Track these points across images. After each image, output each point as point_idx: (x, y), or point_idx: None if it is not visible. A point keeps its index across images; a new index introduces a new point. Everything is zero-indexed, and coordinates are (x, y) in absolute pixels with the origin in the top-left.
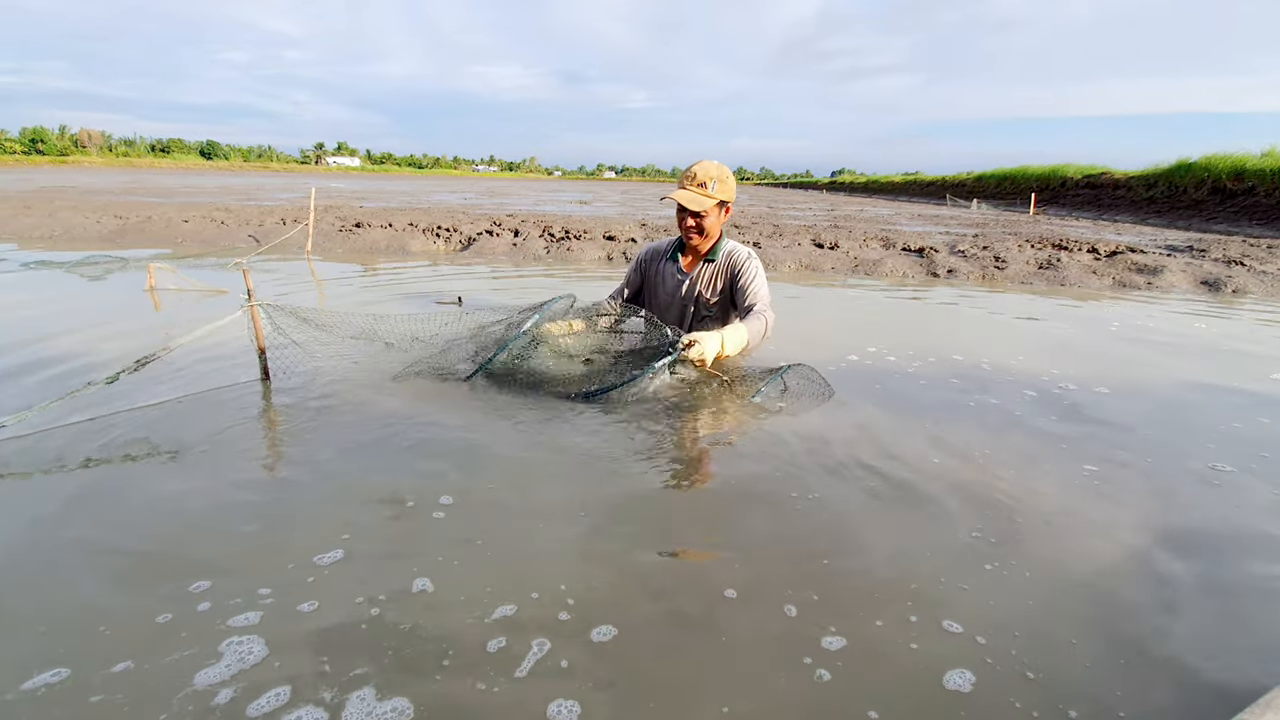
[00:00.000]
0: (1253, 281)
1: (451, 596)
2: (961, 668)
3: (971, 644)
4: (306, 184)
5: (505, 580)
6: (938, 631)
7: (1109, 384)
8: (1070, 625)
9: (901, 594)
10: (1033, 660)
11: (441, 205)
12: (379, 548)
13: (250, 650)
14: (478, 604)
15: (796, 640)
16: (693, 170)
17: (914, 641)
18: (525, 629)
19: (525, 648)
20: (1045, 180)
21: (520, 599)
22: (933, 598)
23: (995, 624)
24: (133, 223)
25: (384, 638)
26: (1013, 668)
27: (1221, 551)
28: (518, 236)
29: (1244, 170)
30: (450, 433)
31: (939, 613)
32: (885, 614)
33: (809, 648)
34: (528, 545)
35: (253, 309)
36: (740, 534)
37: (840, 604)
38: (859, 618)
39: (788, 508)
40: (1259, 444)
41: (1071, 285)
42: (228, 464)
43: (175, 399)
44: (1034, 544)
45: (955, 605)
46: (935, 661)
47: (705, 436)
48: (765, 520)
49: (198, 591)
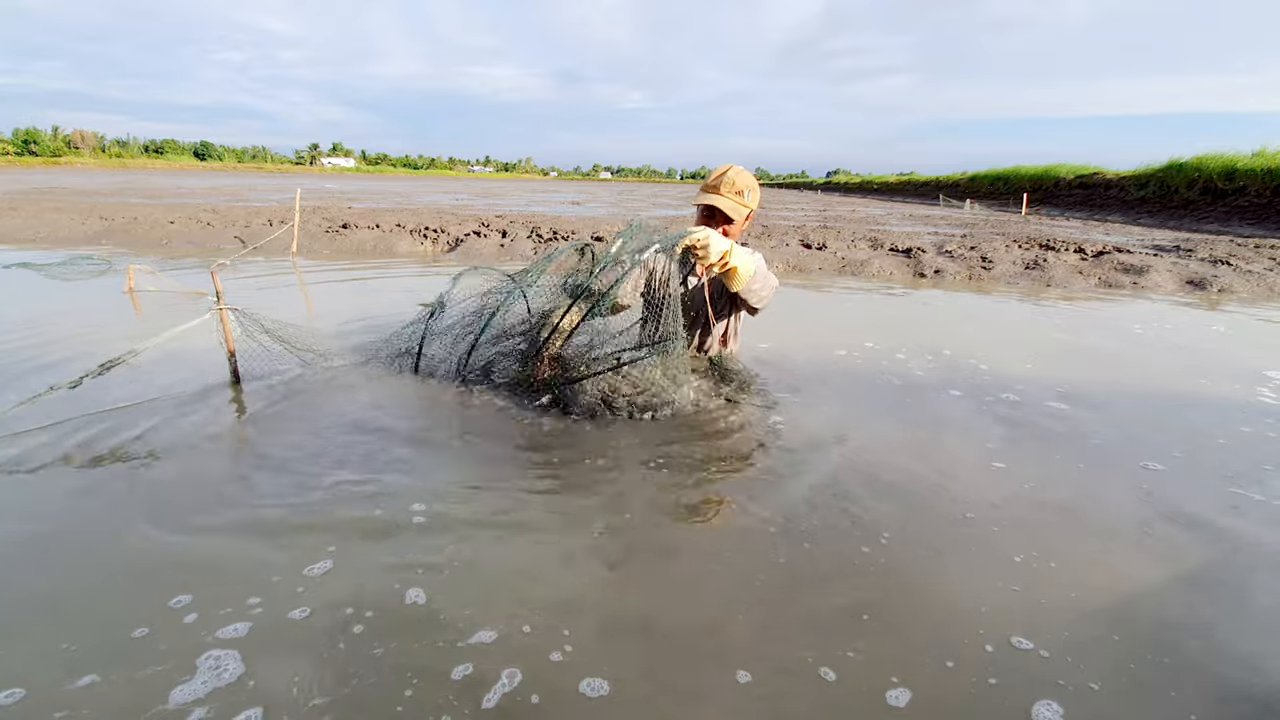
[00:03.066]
0: (1239, 281)
1: (424, 614)
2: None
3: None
4: (299, 185)
5: (485, 600)
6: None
7: (1132, 392)
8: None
9: (967, 624)
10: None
11: (432, 206)
12: (356, 559)
13: (227, 668)
14: (452, 626)
15: (854, 698)
16: (729, 177)
17: (992, 676)
18: (499, 656)
19: (494, 677)
20: (1038, 180)
21: (498, 623)
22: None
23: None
24: (118, 224)
25: (355, 660)
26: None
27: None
28: (505, 237)
29: (1235, 170)
30: (427, 435)
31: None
32: (953, 651)
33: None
34: (511, 562)
35: (221, 312)
36: (750, 571)
37: (892, 649)
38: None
39: (800, 533)
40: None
41: (1058, 285)
42: (193, 469)
43: (143, 402)
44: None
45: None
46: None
47: (707, 445)
48: (778, 550)
49: (177, 606)
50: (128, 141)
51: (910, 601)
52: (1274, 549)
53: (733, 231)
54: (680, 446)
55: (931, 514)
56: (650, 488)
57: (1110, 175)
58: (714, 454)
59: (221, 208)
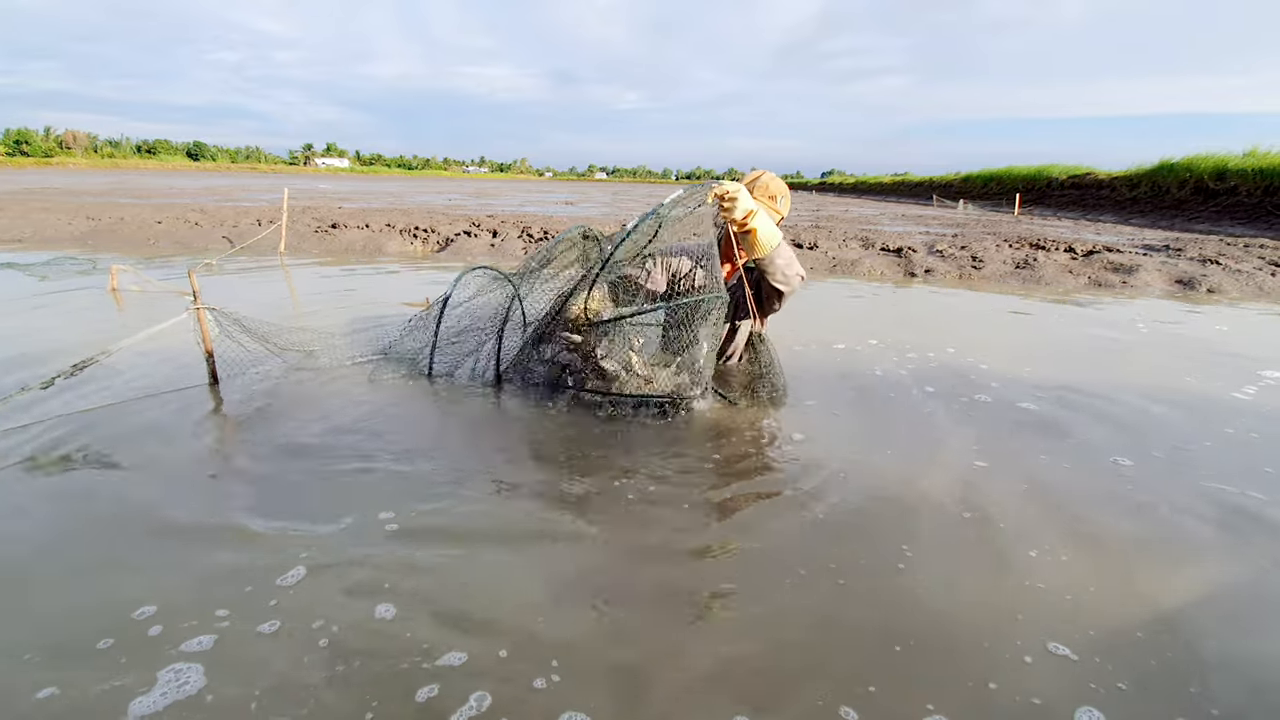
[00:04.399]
0: (1228, 280)
1: (392, 630)
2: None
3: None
4: (292, 185)
5: (457, 618)
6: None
7: (1145, 393)
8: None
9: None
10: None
11: (423, 206)
12: (326, 571)
13: (189, 679)
14: (420, 644)
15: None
16: (763, 181)
17: (1036, 696)
18: (467, 679)
19: (461, 700)
20: (1031, 180)
21: (469, 643)
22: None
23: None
24: (105, 224)
25: (318, 677)
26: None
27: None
28: (496, 237)
29: (1226, 170)
30: (407, 438)
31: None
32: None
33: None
34: (492, 578)
35: (199, 312)
36: (760, 593)
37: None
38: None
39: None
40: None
41: (1047, 284)
42: (164, 472)
43: (116, 403)
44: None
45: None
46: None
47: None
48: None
49: (141, 617)
50: (120, 142)
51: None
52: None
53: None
54: (683, 458)
55: (934, 520)
56: (652, 505)
57: (1103, 175)
58: (717, 466)
59: (210, 208)
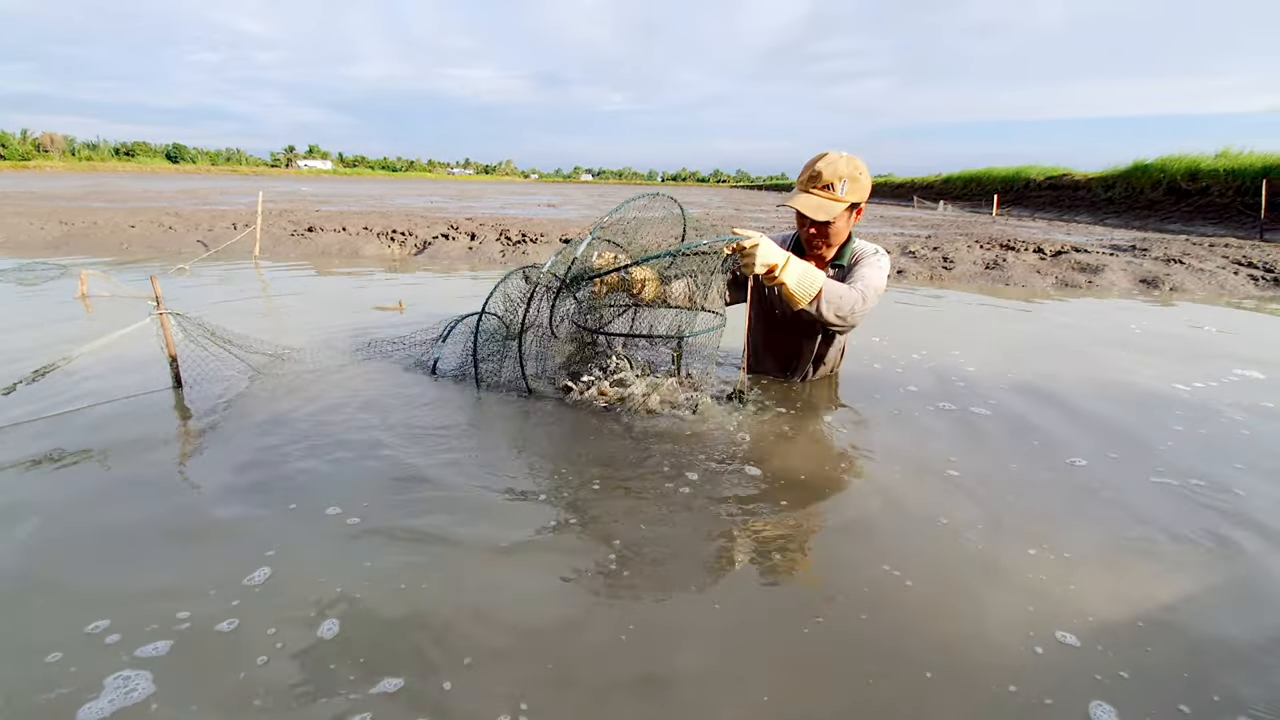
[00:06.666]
0: (1190, 279)
1: (331, 650)
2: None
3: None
4: (273, 188)
5: (398, 638)
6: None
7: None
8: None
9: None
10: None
11: (403, 209)
12: (294, 576)
13: (136, 687)
14: (357, 666)
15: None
16: (817, 168)
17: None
18: (401, 710)
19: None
20: (1009, 182)
21: (408, 668)
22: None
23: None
24: (78, 228)
25: (256, 695)
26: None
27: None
28: (474, 240)
29: (1198, 170)
30: (376, 441)
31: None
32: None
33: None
34: (450, 593)
35: (162, 317)
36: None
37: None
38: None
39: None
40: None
41: (1016, 284)
42: (132, 475)
43: (80, 409)
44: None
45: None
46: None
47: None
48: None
49: (95, 631)
50: (98, 144)
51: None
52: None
53: (834, 234)
54: (663, 456)
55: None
56: (635, 514)
57: (1079, 176)
58: (703, 468)
59: (185, 211)
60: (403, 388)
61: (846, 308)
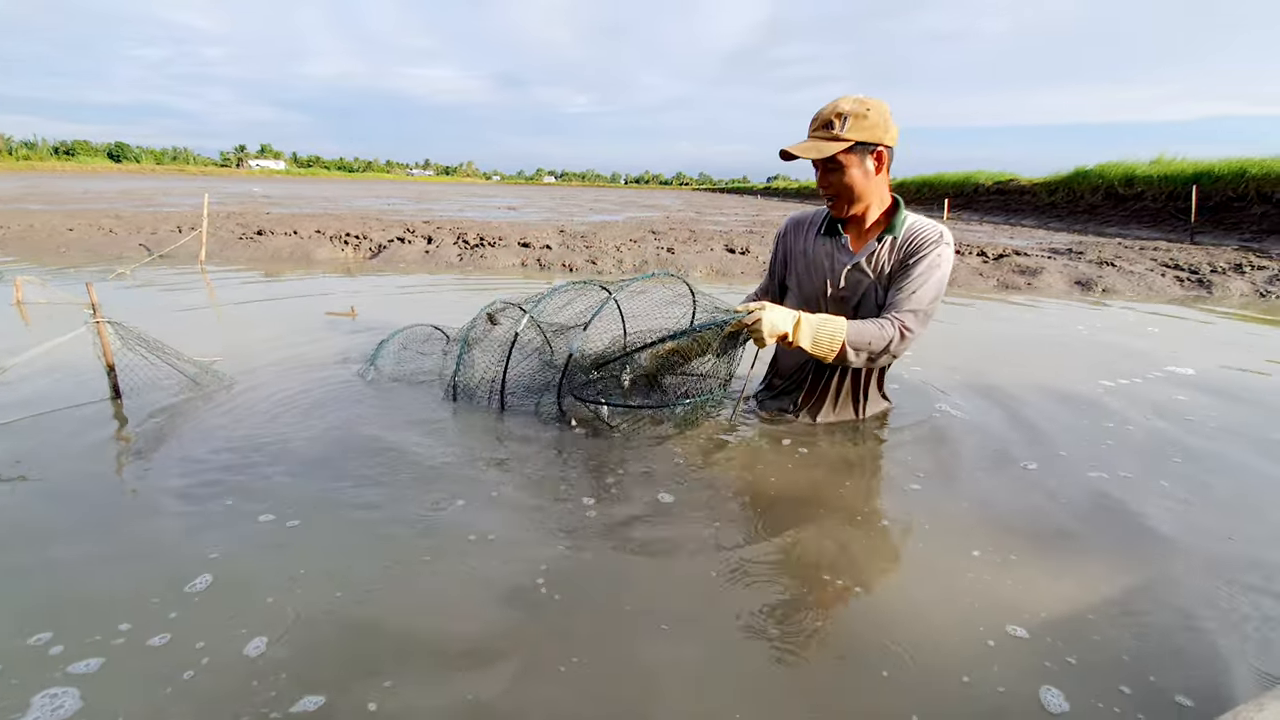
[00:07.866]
0: (1120, 281)
1: (257, 668)
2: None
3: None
4: (223, 189)
5: (330, 653)
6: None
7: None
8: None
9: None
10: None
11: (358, 211)
12: (232, 585)
13: (63, 705)
14: (280, 683)
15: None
16: (819, 110)
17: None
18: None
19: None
20: (959, 186)
21: (331, 684)
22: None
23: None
24: (13, 232)
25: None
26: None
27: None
28: (431, 244)
29: (1134, 177)
30: (317, 451)
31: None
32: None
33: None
34: (386, 605)
35: (99, 325)
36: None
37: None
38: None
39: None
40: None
41: (960, 286)
42: (67, 489)
43: (14, 421)
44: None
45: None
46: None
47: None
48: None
49: (39, 643)
50: (36, 143)
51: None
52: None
53: (848, 184)
54: (640, 464)
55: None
56: (602, 525)
57: (1025, 182)
58: (679, 473)
59: (127, 213)
60: (346, 395)
61: (879, 347)
